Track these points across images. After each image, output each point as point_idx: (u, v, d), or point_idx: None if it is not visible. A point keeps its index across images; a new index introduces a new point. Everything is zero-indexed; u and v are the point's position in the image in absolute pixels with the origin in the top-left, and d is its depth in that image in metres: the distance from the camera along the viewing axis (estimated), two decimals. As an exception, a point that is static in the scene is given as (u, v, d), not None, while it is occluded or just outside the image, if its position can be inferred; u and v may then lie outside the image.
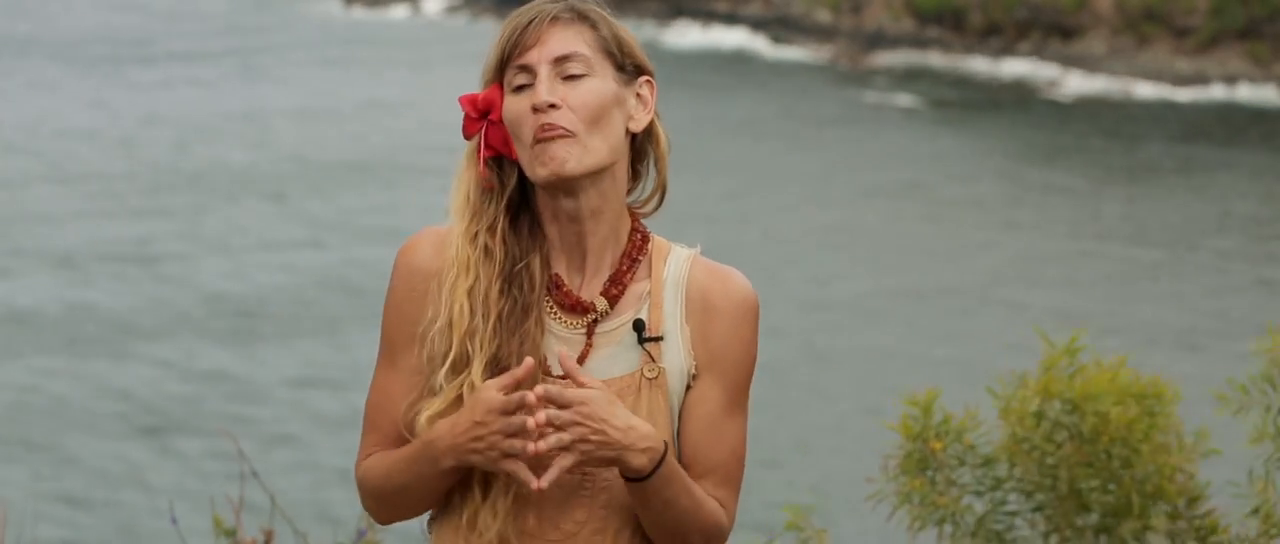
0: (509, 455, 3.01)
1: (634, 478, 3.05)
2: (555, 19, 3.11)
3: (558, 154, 3.06)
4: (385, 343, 3.20)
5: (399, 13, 52.51)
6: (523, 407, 2.99)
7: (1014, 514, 5.12)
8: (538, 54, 3.08)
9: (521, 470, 3.02)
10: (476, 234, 3.14)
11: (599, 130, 3.09)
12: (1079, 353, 5.13)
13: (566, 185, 3.10)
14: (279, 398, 21.88)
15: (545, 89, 3.07)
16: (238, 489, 6.06)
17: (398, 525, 3.31)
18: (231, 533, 5.76)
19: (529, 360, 3.01)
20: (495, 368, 3.08)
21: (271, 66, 44.37)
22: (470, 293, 3.11)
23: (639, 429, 3.02)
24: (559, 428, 2.99)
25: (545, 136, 3.06)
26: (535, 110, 3.06)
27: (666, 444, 3.05)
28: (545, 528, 3.11)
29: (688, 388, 3.14)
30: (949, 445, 5.11)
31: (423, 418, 3.10)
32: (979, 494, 5.13)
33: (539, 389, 2.99)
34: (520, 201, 3.17)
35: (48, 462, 19.82)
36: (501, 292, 3.12)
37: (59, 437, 20.57)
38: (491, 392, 3.02)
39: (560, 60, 3.09)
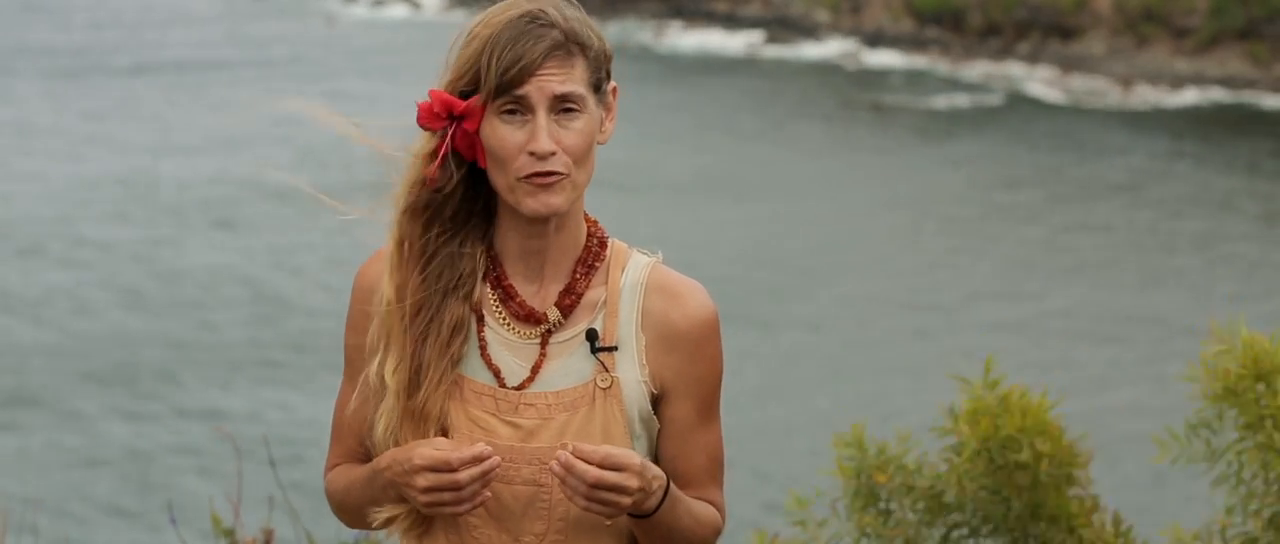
0: (438, 505, 3.04)
1: (640, 515, 3.07)
2: (553, 50, 3.04)
3: (552, 198, 3.05)
4: (346, 360, 3.21)
5: (398, 12, 52.48)
6: (451, 467, 3.00)
7: (972, 535, 5.14)
8: (536, 91, 3.02)
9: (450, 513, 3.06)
10: (403, 226, 3.11)
11: (585, 163, 3.07)
12: (997, 386, 5.15)
13: None
14: (281, 397, 21.87)
15: (545, 137, 3.02)
16: (236, 488, 6.05)
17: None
18: (229, 532, 5.76)
19: (483, 447, 3.01)
20: (413, 364, 3.09)
21: (278, 72, 44.31)
22: (397, 287, 3.11)
23: (654, 472, 3.04)
24: (617, 490, 2.98)
25: (543, 183, 3.04)
26: (531, 153, 3.03)
27: (669, 479, 3.07)
28: (503, 539, 3.12)
29: (654, 400, 3.14)
30: (893, 476, 5.13)
31: (377, 430, 3.12)
32: (929, 524, 5.14)
33: (597, 451, 2.98)
34: (463, 195, 3.13)
35: (48, 462, 19.82)
36: (424, 283, 3.11)
37: (57, 438, 20.57)
38: (430, 449, 3.03)
39: (558, 100, 3.04)
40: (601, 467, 2.97)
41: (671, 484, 3.07)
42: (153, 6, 52.21)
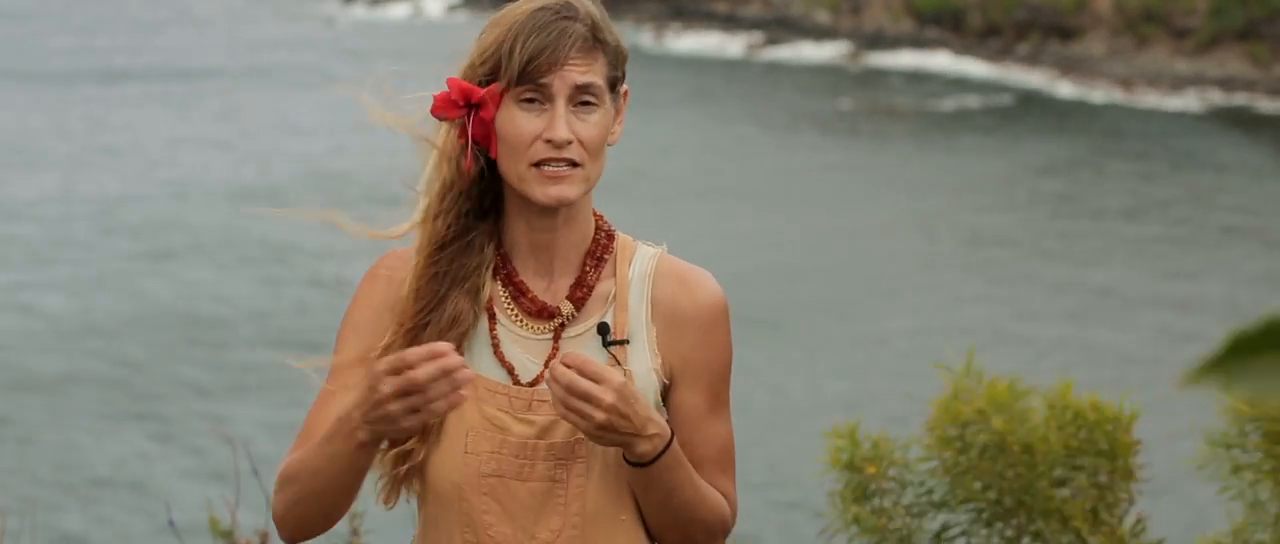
0: (412, 412, 2.89)
1: (636, 463, 3.04)
2: (579, 42, 3.07)
3: (565, 188, 3.05)
4: (335, 356, 3.18)
5: (399, 12, 52.41)
6: (408, 363, 2.87)
7: (964, 534, 5.13)
8: (557, 81, 3.04)
9: (427, 418, 2.92)
10: (428, 220, 3.12)
11: (598, 158, 3.09)
12: (980, 376, 5.17)
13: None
14: (279, 397, 21.88)
15: (563, 125, 3.03)
16: (234, 489, 6.05)
17: (391, 522, 3.30)
18: (228, 533, 5.76)
19: (440, 345, 2.90)
20: (414, 341, 3.07)
21: (277, 74, 44.31)
22: (416, 278, 3.11)
23: (655, 420, 3.02)
24: (589, 400, 2.94)
25: (556, 173, 3.05)
26: (548, 141, 3.04)
27: (672, 433, 3.06)
28: (519, 537, 3.11)
29: (665, 390, 3.14)
30: (884, 469, 5.14)
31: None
32: (922, 514, 5.13)
33: (573, 357, 2.96)
34: (476, 189, 3.14)
35: (46, 462, 19.82)
36: (433, 277, 3.11)
37: (58, 438, 20.57)
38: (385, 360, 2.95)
39: (578, 90, 3.06)
40: (581, 374, 2.95)
41: (675, 445, 3.05)
42: (150, 8, 52.20)
